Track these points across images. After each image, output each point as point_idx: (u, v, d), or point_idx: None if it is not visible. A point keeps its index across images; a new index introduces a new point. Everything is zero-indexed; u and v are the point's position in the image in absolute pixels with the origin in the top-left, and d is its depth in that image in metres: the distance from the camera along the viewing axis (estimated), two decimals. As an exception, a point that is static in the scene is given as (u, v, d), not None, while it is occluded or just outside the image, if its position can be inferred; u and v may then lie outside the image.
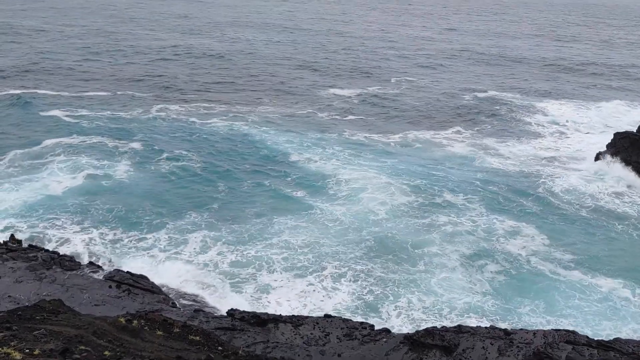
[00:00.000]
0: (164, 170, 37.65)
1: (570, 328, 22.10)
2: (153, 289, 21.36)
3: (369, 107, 58.43)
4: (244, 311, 19.53)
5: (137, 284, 21.06)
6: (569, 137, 51.36)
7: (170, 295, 22.54)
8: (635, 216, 34.89)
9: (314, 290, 24.81)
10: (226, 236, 29.07)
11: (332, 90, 64.35)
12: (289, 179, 37.26)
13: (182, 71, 70.24)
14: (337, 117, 53.87)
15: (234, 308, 20.00)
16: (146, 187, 34.85)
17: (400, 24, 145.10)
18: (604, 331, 22.61)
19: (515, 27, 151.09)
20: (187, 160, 39.49)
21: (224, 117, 50.62)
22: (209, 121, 49.18)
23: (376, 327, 19.40)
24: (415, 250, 28.49)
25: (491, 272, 26.77)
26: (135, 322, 12.53)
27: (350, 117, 54.26)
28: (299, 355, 17.09)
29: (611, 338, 21.00)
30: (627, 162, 41.72)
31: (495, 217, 32.74)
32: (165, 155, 40.00)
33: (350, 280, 25.64)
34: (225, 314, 19.56)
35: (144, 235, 28.82)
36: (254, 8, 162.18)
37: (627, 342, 18.40)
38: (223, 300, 23.65)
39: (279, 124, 49.55)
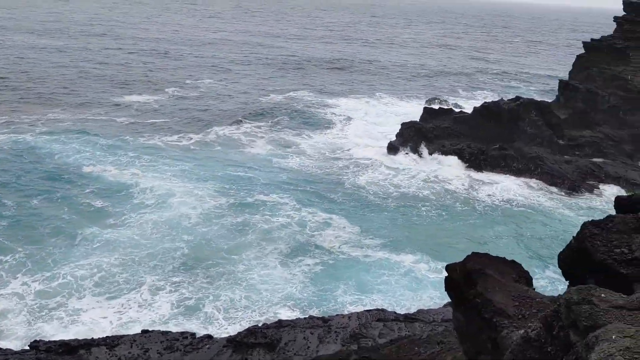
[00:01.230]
0: None
1: (381, 302, 23.90)
2: None
3: (165, 110, 56.69)
4: (50, 341, 17.81)
5: None
6: (362, 130, 54.81)
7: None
8: (432, 198, 38.52)
9: (131, 308, 23.44)
10: (23, 263, 26.02)
11: (125, 96, 61.23)
12: (89, 191, 34.61)
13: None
14: (133, 122, 51.42)
15: (38, 339, 18.15)
16: None
17: (192, 25, 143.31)
18: (407, 300, 24.83)
19: (307, 28, 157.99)
20: (-38, 181, 34.73)
21: (6, 130, 45.41)
22: (-14, 135, 43.77)
23: (199, 334, 19.02)
24: (234, 251, 28.32)
25: (308, 264, 27.69)
26: None
27: (148, 121, 52.16)
28: (118, 378, 16.10)
29: (414, 307, 23.11)
30: (415, 150, 46.09)
31: (307, 211, 33.82)
32: None
33: (169, 292, 24.64)
34: (28, 348, 17.66)
35: None
36: (19, 10, 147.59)
37: (429, 311, 20.38)
38: (25, 334, 21.29)
39: (70, 134, 45.72)
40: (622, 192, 40.53)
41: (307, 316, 20.69)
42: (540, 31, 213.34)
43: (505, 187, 41.69)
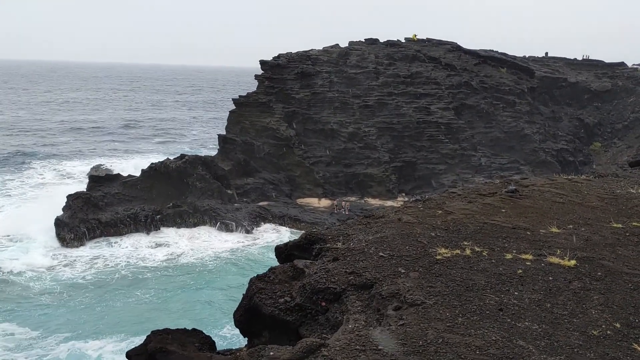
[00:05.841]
0: None
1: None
2: None
3: None
4: None
5: None
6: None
7: None
8: (149, 277, 36.46)
9: None
10: None
11: None
12: None
13: None
14: None
15: None
16: None
17: None
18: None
19: None
20: None
21: None
22: None
23: None
24: None
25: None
26: None
27: None
28: None
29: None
30: (84, 220, 43.21)
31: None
32: None
33: None
34: None
35: None
36: None
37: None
38: None
39: None
40: (288, 230, 45.13)
41: None
42: (192, 89, 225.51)
43: (193, 244, 42.65)
